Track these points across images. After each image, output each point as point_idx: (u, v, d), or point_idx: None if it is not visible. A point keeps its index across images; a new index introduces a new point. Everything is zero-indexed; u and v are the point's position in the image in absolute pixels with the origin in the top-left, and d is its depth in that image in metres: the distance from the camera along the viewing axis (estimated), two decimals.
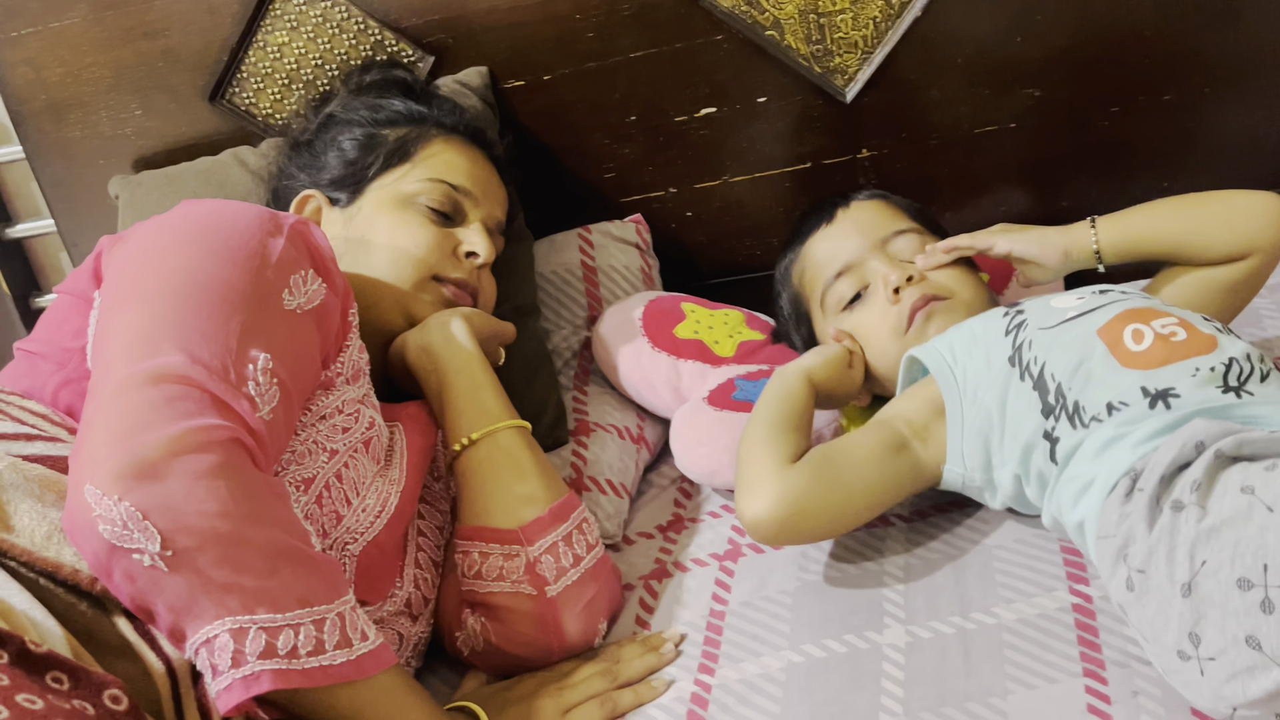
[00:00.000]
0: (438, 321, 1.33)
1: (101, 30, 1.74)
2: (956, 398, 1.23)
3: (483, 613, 1.23)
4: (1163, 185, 1.73)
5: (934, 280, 1.36)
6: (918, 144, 1.73)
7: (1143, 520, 1.02)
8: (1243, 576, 0.93)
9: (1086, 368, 1.16)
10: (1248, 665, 0.92)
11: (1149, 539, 1.01)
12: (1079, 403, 1.14)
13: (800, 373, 1.34)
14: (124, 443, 0.94)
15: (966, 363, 1.24)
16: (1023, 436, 1.18)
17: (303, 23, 1.73)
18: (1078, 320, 1.22)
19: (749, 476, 1.23)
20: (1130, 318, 1.19)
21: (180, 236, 1.13)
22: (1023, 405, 1.18)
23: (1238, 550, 0.94)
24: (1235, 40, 1.65)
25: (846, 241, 1.43)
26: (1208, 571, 0.95)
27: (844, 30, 1.68)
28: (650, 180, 1.79)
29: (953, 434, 1.23)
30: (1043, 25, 1.66)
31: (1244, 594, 0.93)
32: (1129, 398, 1.12)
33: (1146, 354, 1.15)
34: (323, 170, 1.47)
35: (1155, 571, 1.00)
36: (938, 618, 1.15)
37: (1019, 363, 1.21)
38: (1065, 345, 1.19)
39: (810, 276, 1.46)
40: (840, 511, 1.23)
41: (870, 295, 1.39)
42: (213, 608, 0.93)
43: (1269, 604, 0.91)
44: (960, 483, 1.25)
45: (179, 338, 1.02)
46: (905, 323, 1.34)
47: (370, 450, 1.21)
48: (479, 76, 1.71)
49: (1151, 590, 1.00)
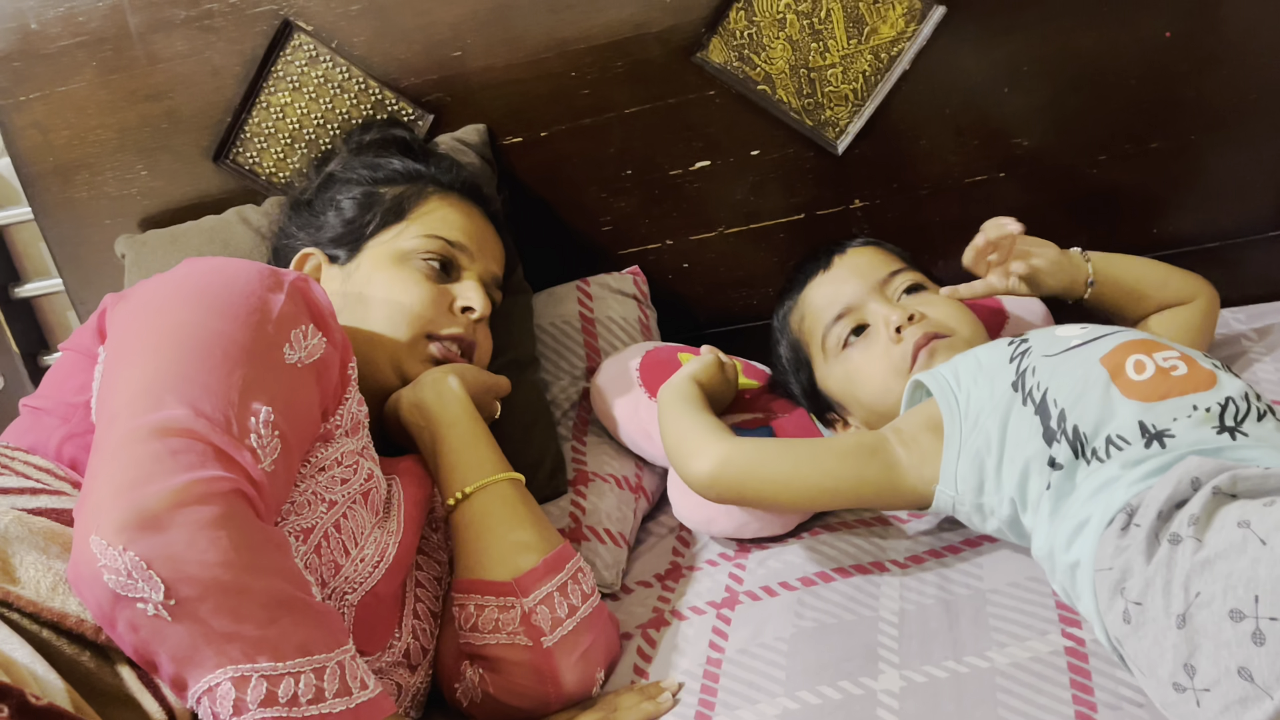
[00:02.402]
0: (431, 378, 1.35)
1: (107, 93, 1.78)
2: (956, 421, 1.25)
3: (480, 664, 1.24)
4: (1151, 231, 1.75)
5: (934, 319, 1.40)
6: (909, 194, 1.76)
7: (1140, 553, 1.03)
8: (1235, 608, 0.94)
9: (1088, 394, 1.18)
10: (1240, 696, 0.92)
11: (1146, 571, 1.02)
12: (1079, 429, 1.16)
13: (687, 377, 1.45)
14: (129, 494, 0.95)
15: (971, 389, 1.26)
16: (1020, 460, 1.19)
17: (304, 83, 1.76)
18: (1081, 348, 1.24)
19: (689, 443, 1.33)
20: (1133, 348, 1.21)
21: (183, 293, 1.15)
22: (1025, 430, 1.20)
23: (1230, 582, 0.95)
24: (1219, 87, 1.67)
25: (844, 285, 1.46)
26: (1201, 603, 0.97)
27: (834, 84, 1.71)
28: (647, 232, 1.82)
29: (948, 456, 1.25)
30: (1029, 76, 1.69)
31: (1236, 625, 0.94)
32: (1127, 433, 1.14)
33: (1147, 385, 1.17)
34: (322, 229, 1.49)
35: (1152, 604, 1.01)
36: (931, 662, 1.16)
37: (1021, 388, 1.23)
38: (1068, 371, 1.21)
39: (810, 322, 1.48)
40: (786, 481, 1.29)
41: (871, 335, 1.42)
42: (214, 656, 0.94)
43: (1260, 635, 0.92)
44: (950, 505, 1.26)
45: (182, 391, 1.04)
46: (909, 361, 1.37)
47: (369, 501, 1.22)
48: (477, 134, 1.74)
49: (1148, 622, 1.01)
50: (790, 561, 1.40)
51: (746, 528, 1.44)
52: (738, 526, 1.44)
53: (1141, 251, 1.71)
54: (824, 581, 1.34)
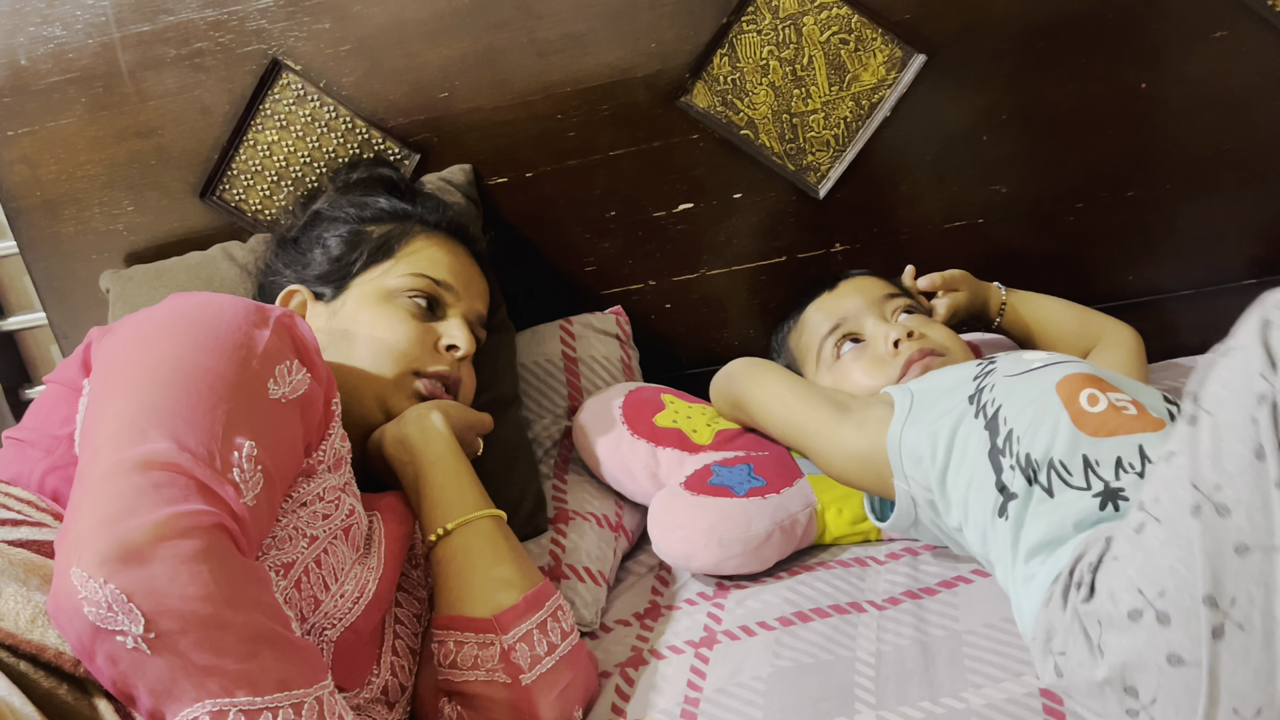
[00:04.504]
0: (414, 414, 1.36)
1: (96, 130, 1.79)
2: (907, 401, 1.32)
3: (459, 701, 1.24)
4: (1127, 278, 1.78)
5: (931, 338, 1.46)
6: (889, 238, 1.78)
7: (1059, 607, 1.06)
8: (1130, 609, 0.96)
9: (1041, 419, 1.19)
10: (1184, 685, 0.93)
11: (1064, 620, 1.04)
12: (1030, 456, 1.17)
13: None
14: (110, 527, 0.95)
15: (930, 394, 1.32)
16: (966, 473, 1.22)
17: (292, 122, 1.78)
18: (1041, 371, 1.27)
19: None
20: (1089, 381, 1.23)
21: (168, 328, 1.15)
22: (973, 443, 1.23)
23: (1114, 589, 0.98)
24: (1195, 138, 1.71)
25: (845, 301, 1.54)
26: (1106, 624, 0.99)
27: (816, 130, 1.74)
28: (630, 273, 1.84)
29: (895, 422, 1.31)
30: (1008, 124, 1.71)
31: (1138, 623, 0.95)
32: (1071, 464, 1.15)
33: (1098, 418, 1.18)
34: (308, 266, 1.50)
35: (1074, 649, 1.02)
36: (908, 703, 1.17)
37: (976, 401, 1.26)
38: (1023, 393, 1.24)
39: (808, 336, 1.55)
40: (765, 387, 1.48)
41: (867, 348, 1.48)
42: (193, 690, 0.94)
43: (1163, 616, 0.94)
44: (897, 453, 1.30)
45: (166, 425, 1.05)
46: (899, 373, 1.43)
47: (350, 537, 1.23)
48: (463, 174, 1.76)
49: (1075, 669, 1.02)
50: (769, 601, 1.41)
51: (725, 564, 1.44)
52: (717, 563, 1.44)
53: (1117, 298, 1.74)
54: (802, 621, 1.35)
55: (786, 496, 1.48)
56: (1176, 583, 0.93)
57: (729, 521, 1.44)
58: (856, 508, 1.50)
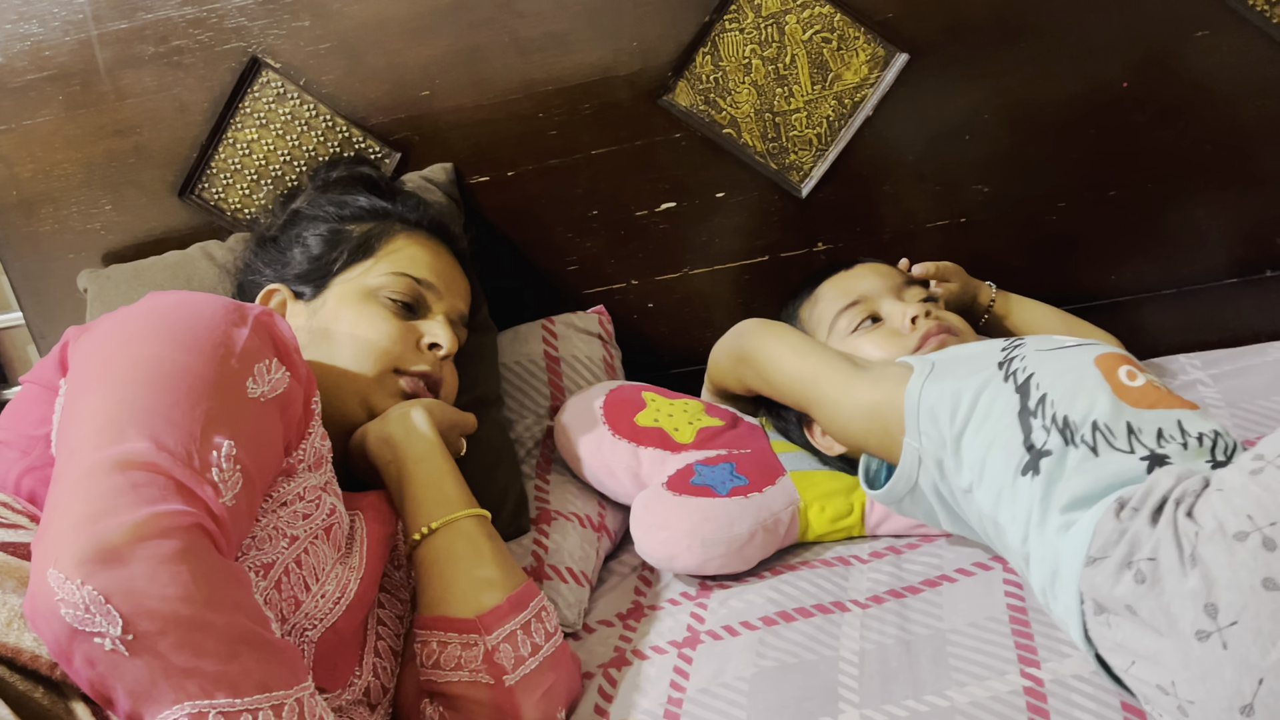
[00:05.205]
0: (398, 413, 1.35)
1: (74, 128, 1.77)
2: (927, 366, 1.31)
3: (441, 702, 1.23)
4: (1109, 278, 1.78)
5: (948, 319, 1.49)
6: (872, 238, 1.78)
7: (1146, 523, 1.03)
8: (1237, 531, 0.96)
9: (1080, 387, 1.20)
10: (1272, 611, 0.92)
11: (1155, 532, 1.02)
12: (1069, 418, 1.17)
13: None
14: (88, 527, 0.95)
15: (951, 362, 1.32)
16: (988, 433, 1.21)
17: (272, 120, 1.77)
18: (1075, 349, 1.27)
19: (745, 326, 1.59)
20: (1126, 360, 1.25)
21: (147, 327, 1.15)
22: (999, 405, 1.22)
23: (1218, 514, 0.98)
24: (1176, 139, 1.71)
25: (864, 281, 1.56)
26: (1203, 538, 0.98)
27: (798, 129, 1.74)
28: (612, 272, 1.83)
29: (914, 381, 1.30)
30: (990, 124, 1.72)
31: (1242, 544, 0.95)
32: (1115, 428, 1.15)
33: (1137, 391, 1.20)
34: (288, 265, 1.50)
35: (1166, 556, 1.00)
36: (892, 701, 1.16)
37: (1006, 368, 1.26)
38: (1059, 363, 1.24)
39: (822, 308, 1.56)
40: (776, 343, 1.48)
41: (884, 325, 1.51)
42: (172, 692, 0.93)
43: (1270, 541, 0.93)
44: (915, 408, 1.29)
45: (144, 424, 1.04)
46: (916, 345, 1.45)
47: (331, 537, 1.22)
48: (444, 172, 1.75)
49: (1164, 575, 0.99)
50: (752, 601, 1.40)
51: (709, 564, 1.44)
52: (700, 564, 1.44)
53: (1099, 298, 1.75)
54: (785, 621, 1.35)
55: (769, 495, 1.48)
56: None
57: (711, 522, 1.44)
58: (839, 505, 1.50)
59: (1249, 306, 1.78)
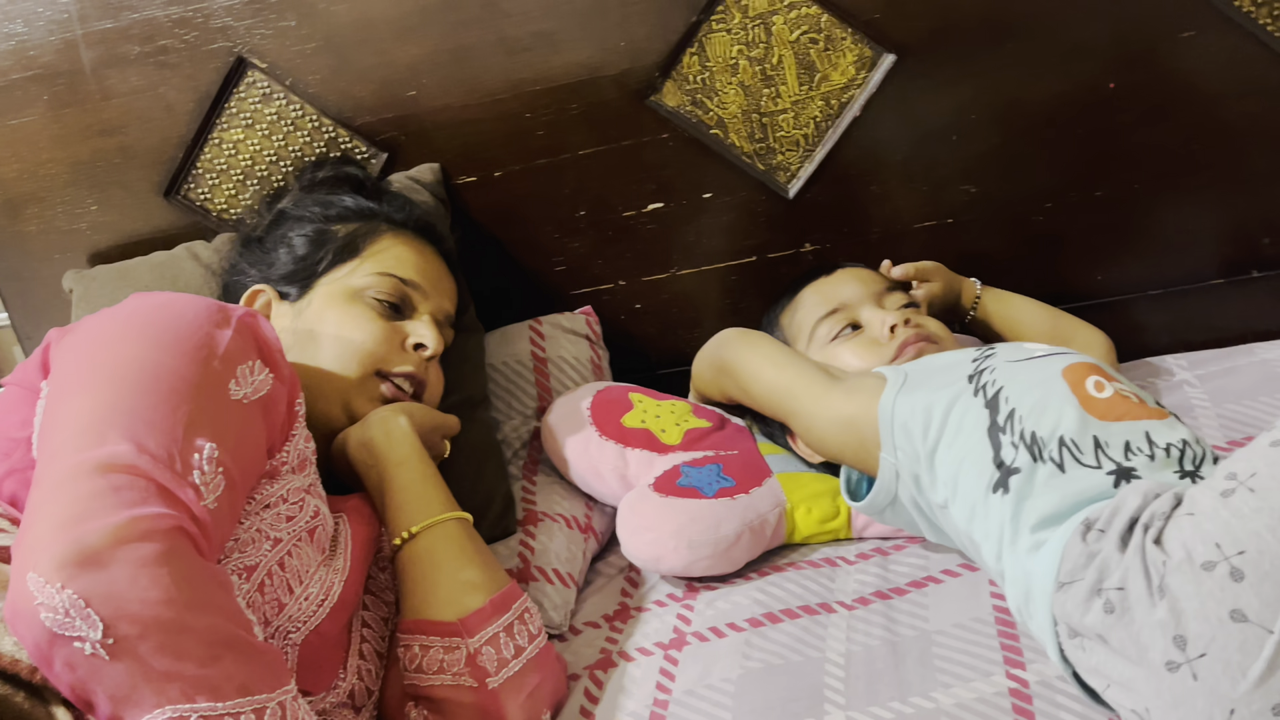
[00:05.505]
0: (378, 417, 1.35)
1: (60, 128, 1.77)
2: (900, 378, 1.31)
3: (425, 706, 1.23)
4: (1096, 278, 1.78)
5: (927, 327, 1.48)
6: (859, 238, 1.78)
7: (1115, 548, 1.03)
8: (1204, 561, 0.95)
9: (1047, 401, 1.20)
10: (1239, 643, 0.92)
11: (1124, 560, 1.02)
12: (1036, 434, 1.17)
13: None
14: (68, 530, 0.94)
15: (924, 373, 1.32)
16: (960, 450, 1.22)
17: (258, 120, 1.76)
18: (1044, 359, 1.27)
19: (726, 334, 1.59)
20: (1094, 370, 1.24)
21: (129, 328, 1.14)
22: (970, 419, 1.22)
23: (1186, 542, 0.97)
24: (1163, 139, 1.71)
25: (844, 287, 1.56)
26: (1171, 567, 0.97)
27: (786, 129, 1.74)
28: (600, 273, 1.83)
29: (888, 391, 1.31)
30: (977, 124, 1.72)
31: (1210, 574, 0.94)
32: (1082, 443, 1.15)
33: (1106, 403, 1.19)
34: (273, 266, 1.49)
35: (1134, 585, 1.00)
36: (878, 703, 1.16)
37: (976, 381, 1.26)
38: (1027, 377, 1.24)
39: (802, 315, 1.56)
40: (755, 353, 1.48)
41: (863, 333, 1.50)
42: (153, 696, 0.92)
43: (1236, 571, 0.93)
44: (889, 422, 1.29)
45: (126, 427, 1.03)
46: (894, 355, 1.44)
47: (314, 539, 1.21)
48: (431, 173, 1.74)
49: (1133, 605, 0.99)
50: (738, 602, 1.40)
51: (695, 566, 1.44)
52: (686, 565, 1.44)
53: (1086, 298, 1.75)
54: (771, 623, 1.35)
55: (756, 496, 1.48)
56: (1260, 547, 0.93)
57: (698, 523, 1.43)
58: (826, 506, 1.49)
59: (1236, 307, 1.78)
